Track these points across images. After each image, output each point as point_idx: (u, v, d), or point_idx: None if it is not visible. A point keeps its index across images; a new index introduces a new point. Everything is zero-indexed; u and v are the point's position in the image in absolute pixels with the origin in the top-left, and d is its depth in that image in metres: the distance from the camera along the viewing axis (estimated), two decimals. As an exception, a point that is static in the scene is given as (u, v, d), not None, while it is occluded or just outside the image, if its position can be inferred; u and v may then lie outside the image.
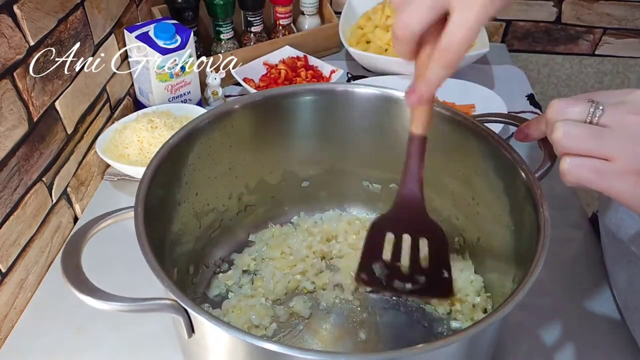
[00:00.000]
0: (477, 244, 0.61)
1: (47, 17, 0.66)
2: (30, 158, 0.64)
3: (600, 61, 1.34)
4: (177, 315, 0.42)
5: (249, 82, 0.95)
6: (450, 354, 0.42)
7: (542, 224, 0.46)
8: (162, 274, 0.41)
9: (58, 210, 0.71)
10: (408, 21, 0.42)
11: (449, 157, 0.60)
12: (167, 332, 0.59)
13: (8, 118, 0.59)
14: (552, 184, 0.54)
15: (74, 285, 0.40)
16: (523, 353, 0.59)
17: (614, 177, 0.38)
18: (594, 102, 0.39)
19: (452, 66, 0.42)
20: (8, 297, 0.61)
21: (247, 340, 0.37)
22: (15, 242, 0.62)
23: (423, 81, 0.44)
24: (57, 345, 0.59)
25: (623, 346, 0.59)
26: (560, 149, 0.40)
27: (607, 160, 0.38)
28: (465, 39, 0.41)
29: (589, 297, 0.64)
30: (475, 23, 0.40)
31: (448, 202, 0.63)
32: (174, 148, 0.54)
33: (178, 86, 0.89)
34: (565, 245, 0.71)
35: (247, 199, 0.66)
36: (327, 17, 1.13)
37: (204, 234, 0.62)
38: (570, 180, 0.40)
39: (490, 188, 0.57)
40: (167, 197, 0.54)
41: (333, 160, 0.68)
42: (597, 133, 0.39)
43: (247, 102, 0.60)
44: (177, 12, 0.95)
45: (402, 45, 0.44)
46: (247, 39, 1.06)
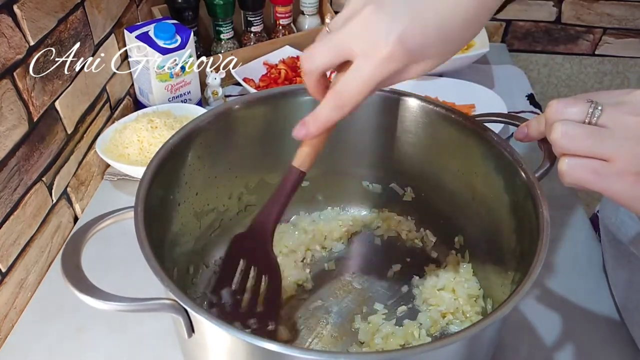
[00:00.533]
0: (477, 243, 0.61)
1: (47, 17, 0.66)
2: (30, 158, 0.64)
3: (600, 61, 1.34)
4: (177, 315, 0.42)
5: (249, 82, 0.95)
6: (450, 354, 0.42)
7: (542, 224, 0.46)
8: (162, 274, 0.41)
9: (58, 210, 0.71)
10: (312, 57, 0.42)
11: (448, 157, 0.61)
12: (167, 332, 0.59)
13: (8, 118, 0.59)
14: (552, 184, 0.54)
15: (74, 285, 0.40)
16: (523, 353, 0.59)
17: (612, 178, 0.38)
18: (593, 103, 0.39)
19: (342, 111, 0.42)
20: (8, 297, 0.61)
21: (247, 340, 0.37)
22: (15, 242, 0.62)
23: (312, 116, 0.44)
24: (57, 345, 0.59)
25: (623, 346, 0.59)
26: (558, 149, 0.40)
27: (606, 161, 0.38)
28: (357, 88, 0.41)
29: (589, 297, 0.64)
30: (370, 77, 0.40)
31: (448, 202, 0.63)
32: (174, 148, 0.54)
33: (178, 86, 0.89)
34: (565, 245, 0.71)
35: (247, 198, 0.66)
36: (327, 17, 1.13)
37: (204, 234, 0.62)
38: (569, 181, 0.40)
39: (490, 188, 0.57)
40: (167, 197, 0.54)
41: (333, 161, 0.68)
42: (595, 133, 0.38)
43: (247, 102, 0.60)
44: (177, 12, 0.95)
45: (305, 76, 0.44)
46: (247, 38, 1.06)
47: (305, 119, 0.45)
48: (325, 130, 0.45)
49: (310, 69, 0.43)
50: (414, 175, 0.66)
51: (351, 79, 0.41)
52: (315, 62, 0.42)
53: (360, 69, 0.40)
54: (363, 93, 0.41)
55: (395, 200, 0.69)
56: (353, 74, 0.41)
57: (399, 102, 0.61)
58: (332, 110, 0.43)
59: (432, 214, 0.67)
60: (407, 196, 0.68)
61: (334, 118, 0.43)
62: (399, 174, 0.67)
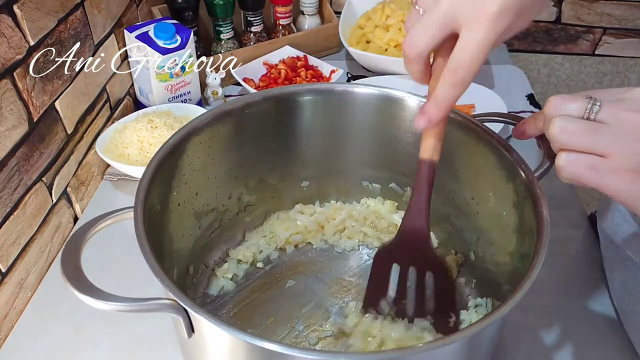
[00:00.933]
0: (477, 243, 0.61)
1: (47, 17, 0.66)
2: (30, 158, 0.64)
3: (600, 61, 1.34)
4: (177, 315, 0.42)
5: (249, 82, 0.95)
6: (450, 354, 0.42)
7: (541, 223, 0.46)
8: (162, 274, 0.41)
9: (58, 210, 0.71)
10: (416, 40, 0.41)
11: (448, 156, 0.60)
12: (167, 332, 0.59)
13: (8, 118, 0.59)
14: (551, 184, 0.54)
15: (73, 285, 0.40)
16: (523, 353, 0.59)
17: (609, 174, 0.38)
18: (591, 99, 0.39)
19: (462, 86, 0.42)
20: (8, 297, 0.61)
21: (247, 340, 0.37)
22: (15, 242, 0.62)
23: (432, 102, 0.43)
24: (57, 345, 0.59)
25: (622, 346, 0.59)
26: (556, 144, 0.40)
27: (604, 157, 0.38)
28: (473, 57, 0.40)
29: (589, 297, 0.64)
30: (484, 41, 0.39)
31: (448, 202, 0.63)
32: (173, 148, 0.54)
33: (178, 86, 0.89)
34: (565, 245, 0.71)
35: (246, 199, 0.66)
36: (327, 17, 1.13)
37: (203, 234, 0.62)
38: (566, 176, 0.40)
39: (490, 188, 0.57)
40: (167, 197, 0.54)
41: (333, 160, 0.68)
42: (593, 129, 0.38)
43: (247, 102, 0.60)
44: (177, 12, 0.95)
45: (412, 65, 0.43)
46: (247, 38, 1.06)
47: (424, 106, 0.44)
48: (448, 113, 0.44)
49: (416, 52, 0.42)
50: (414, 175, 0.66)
51: (465, 48, 0.40)
52: (420, 44, 0.41)
53: (472, 35, 0.39)
54: (480, 60, 0.40)
55: (395, 199, 0.69)
56: (466, 42, 0.40)
57: (399, 102, 0.61)
58: (452, 87, 0.42)
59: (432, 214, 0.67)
60: (407, 196, 0.68)
61: (457, 96, 0.42)
62: (399, 174, 0.67)
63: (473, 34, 0.39)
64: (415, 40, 0.41)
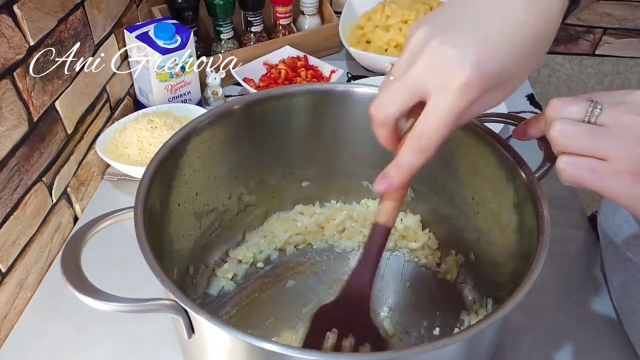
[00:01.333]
0: (477, 243, 0.61)
1: (47, 17, 0.66)
2: (30, 158, 0.64)
3: (601, 61, 1.34)
4: (177, 316, 0.42)
5: (249, 82, 0.95)
6: (450, 354, 0.42)
7: (542, 223, 0.46)
8: (162, 274, 0.41)
9: (58, 210, 0.71)
10: (383, 103, 0.41)
11: (448, 156, 0.60)
12: (167, 332, 0.59)
13: (8, 118, 0.59)
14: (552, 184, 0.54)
15: (73, 285, 0.40)
16: (523, 353, 0.59)
17: (610, 177, 0.38)
18: (592, 102, 0.39)
19: (425, 153, 0.41)
20: (8, 297, 0.61)
21: (247, 341, 0.37)
22: (15, 242, 0.62)
23: (393, 166, 0.42)
24: (57, 345, 0.59)
25: (622, 346, 0.59)
26: (557, 147, 0.40)
27: (604, 160, 0.38)
28: (438, 126, 0.39)
29: (589, 297, 0.64)
30: (449, 111, 0.39)
31: (447, 202, 0.63)
32: (173, 148, 0.54)
33: (178, 86, 0.89)
34: (565, 245, 0.71)
35: (247, 199, 0.66)
36: (327, 17, 1.13)
37: (203, 234, 0.62)
38: (567, 179, 0.40)
39: (490, 188, 0.57)
40: (167, 197, 0.54)
41: (333, 161, 0.68)
42: (594, 132, 0.38)
43: (247, 102, 0.60)
44: (177, 12, 0.95)
45: (378, 129, 0.42)
46: (247, 38, 1.06)
47: (385, 171, 0.43)
48: (409, 179, 0.43)
49: (384, 118, 0.41)
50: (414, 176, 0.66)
51: (430, 116, 0.39)
52: (388, 110, 0.40)
53: (438, 103, 0.39)
54: (445, 129, 0.39)
55: (395, 200, 0.69)
56: (431, 110, 0.39)
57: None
58: (415, 154, 0.41)
59: (433, 214, 0.67)
60: (407, 196, 0.68)
61: (418, 163, 0.41)
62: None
63: (439, 104, 0.39)
64: (381, 104, 0.41)
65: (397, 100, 0.40)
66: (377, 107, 0.41)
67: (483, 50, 0.38)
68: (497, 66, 0.38)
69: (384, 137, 0.43)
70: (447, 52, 0.38)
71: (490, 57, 0.38)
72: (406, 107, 0.40)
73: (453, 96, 0.38)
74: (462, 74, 0.38)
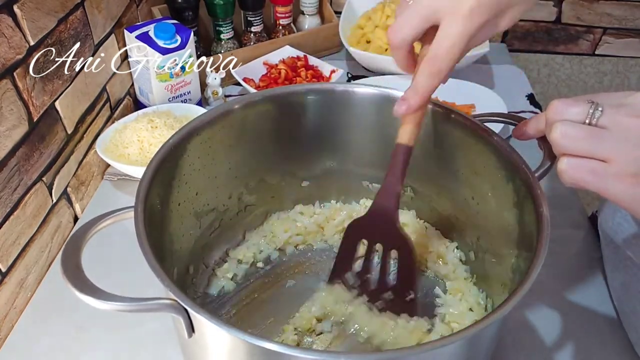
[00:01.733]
0: (477, 243, 0.61)
1: (47, 17, 0.66)
2: (30, 158, 0.64)
3: (600, 61, 1.34)
4: (177, 315, 0.42)
5: (249, 82, 0.95)
6: (450, 354, 0.42)
7: (542, 223, 0.46)
8: (162, 274, 0.41)
9: (58, 210, 0.71)
10: (398, 28, 0.43)
11: (449, 156, 0.60)
12: (167, 332, 0.59)
13: (8, 118, 0.59)
14: (552, 184, 0.54)
15: (74, 285, 0.40)
16: (523, 353, 0.59)
17: (610, 179, 0.38)
18: (593, 103, 0.39)
19: (439, 75, 0.43)
20: (8, 297, 0.61)
21: (247, 340, 0.37)
22: (15, 241, 0.62)
23: (411, 89, 0.45)
24: (57, 345, 0.59)
25: (622, 346, 0.59)
26: (558, 149, 0.40)
27: (605, 162, 0.38)
28: (449, 49, 0.42)
29: (589, 297, 0.64)
30: (460, 35, 0.41)
31: (448, 202, 0.63)
32: (174, 148, 0.54)
33: (178, 86, 0.89)
34: (565, 245, 0.71)
35: (247, 198, 0.66)
36: (327, 17, 1.13)
37: (203, 234, 0.62)
38: (568, 181, 0.40)
39: (490, 187, 0.57)
40: (167, 197, 0.54)
41: (333, 160, 0.68)
42: (594, 134, 0.39)
43: (247, 102, 0.60)
44: (177, 12, 0.95)
45: (396, 52, 0.45)
46: (247, 38, 1.06)
47: (404, 94, 0.46)
48: (426, 101, 0.46)
49: (400, 41, 0.43)
50: (414, 175, 0.66)
51: (442, 40, 0.42)
52: (403, 33, 0.43)
53: (449, 28, 0.41)
54: (456, 52, 0.42)
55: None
56: (443, 34, 0.41)
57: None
58: (429, 77, 0.43)
59: (432, 213, 0.67)
60: (407, 196, 0.68)
61: (433, 85, 0.44)
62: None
63: (450, 27, 0.41)
64: (397, 28, 0.43)
65: (412, 25, 0.43)
66: (393, 31, 0.44)
67: None
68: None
69: (401, 60, 0.46)
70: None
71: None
72: (420, 31, 0.43)
73: (463, 19, 0.41)
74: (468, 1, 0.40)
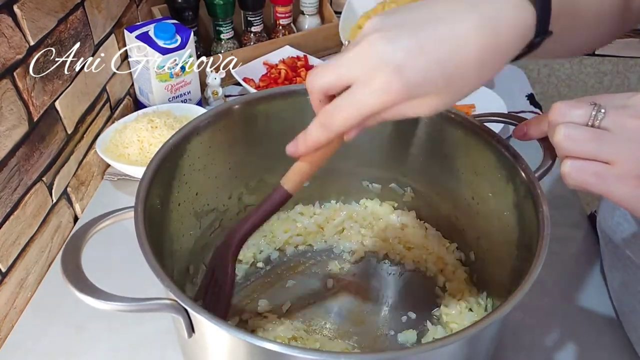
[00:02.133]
0: (477, 243, 0.61)
1: (47, 17, 0.66)
2: (30, 158, 0.64)
3: (601, 61, 1.34)
4: (177, 315, 0.42)
5: (249, 82, 0.95)
6: (450, 354, 0.42)
7: (542, 223, 0.46)
8: (162, 274, 0.41)
9: (58, 210, 0.71)
10: (316, 75, 0.41)
11: (448, 156, 0.61)
12: (167, 332, 0.59)
13: (8, 118, 0.59)
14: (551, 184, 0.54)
15: (74, 285, 0.40)
16: (523, 353, 0.59)
17: (614, 181, 0.38)
18: (596, 105, 0.39)
19: (328, 131, 0.40)
20: (8, 297, 0.61)
21: (247, 340, 0.37)
22: (15, 241, 0.62)
23: (303, 133, 0.43)
24: (57, 345, 0.59)
25: (622, 346, 0.59)
26: (561, 151, 0.40)
27: (608, 164, 0.38)
28: (347, 113, 0.39)
29: (589, 297, 0.64)
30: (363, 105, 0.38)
31: (448, 202, 0.63)
32: (174, 148, 0.54)
33: (178, 86, 0.89)
34: (565, 244, 0.71)
35: (247, 199, 0.66)
36: (327, 17, 1.13)
37: (203, 234, 0.62)
38: (571, 183, 0.40)
39: (490, 187, 0.57)
40: (167, 197, 0.54)
41: (333, 160, 0.67)
42: (598, 136, 0.39)
43: (247, 102, 0.60)
44: (177, 12, 0.95)
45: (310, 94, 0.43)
46: (247, 38, 1.06)
47: (298, 135, 0.44)
48: (313, 150, 0.43)
49: (312, 87, 0.41)
50: (414, 175, 0.66)
51: (343, 101, 0.39)
52: (317, 82, 0.41)
53: (354, 93, 0.38)
54: (351, 119, 0.39)
55: (396, 200, 0.69)
56: (346, 96, 0.39)
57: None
58: (319, 128, 0.41)
59: (432, 214, 0.67)
60: (407, 196, 0.68)
61: (321, 138, 0.41)
62: (399, 173, 0.67)
63: (356, 93, 0.38)
64: (315, 76, 0.41)
65: (327, 76, 0.40)
66: (310, 76, 0.42)
67: (411, 56, 0.36)
68: (420, 76, 0.37)
69: (312, 104, 0.43)
70: (380, 49, 0.37)
71: (416, 65, 0.36)
72: (332, 86, 0.40)
73: (369, 93, 0.38)
74: (383, 75, 0.37)
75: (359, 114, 0.39)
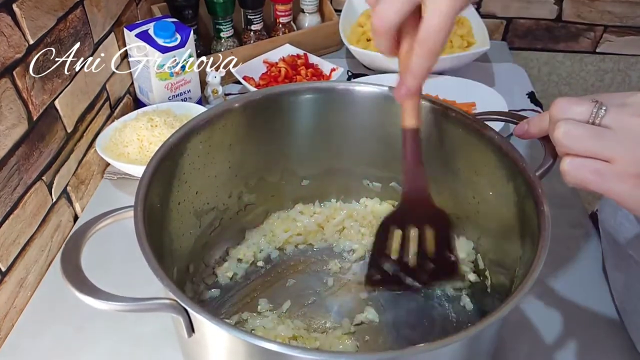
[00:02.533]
0: (478, 242, 0.61)
1: (47, 16, 0.66)
2: (30, 157, 0.64)
3: (601, 59, 1.34)
4: (177, 315, 0.41)
5: (249, 80, 0.95)
6: (450, 354, 0.42)
7: (542, 222, 0.46)
8: (162, 274, 0.41)
9: (58, 209, 0.71)
10: (384, 13, 0.42)
11: (449, 155, 0.60)
12: (167, 332, 0.59)
13: (8, 117, 0.59)
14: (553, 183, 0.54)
15: (73, 284, 0.40)
16: (524, 353, 0.59)
17: (613, 179, 0.38)
18: (597, 103, 0.39)
19: (433, 56, 0.43)
20: (8, 296, 0.61)
21: (247, 340, 0.37)
22: (15, 241, 0.62)
23: (408, 74, 0.45)
24: (57, 345, 0.59)
25: (624, 346, 0.59)
26: (561, 148, 0.40)
27: (608, 162, 0.38)
28: (440, 26, 0.41)
29: (589, 297, 0.64)
30: (448, 10, 0.41)
31: (448, 201, 0.63)
32: (173, 147, 0.54)
33: (178, 85, 0.89)
34: (565, 244, 0.71)
35: (247, 197, 0.66)
36: (327, 15, 1.13)
37: (203, 233, 0.62)
38: (571, 181, 0.40)
39: (490, 186, 0.56)
40: (167, 196, 0.54)
41: (333, 159, 0.68)
42: (598, 134, 0.38)
43: (247, 101, 0.60)
44: (177, 10, 0.95)
45: (380, 39, 0.44)
46: (247, 37, 1.05)
47: (402, 79, 0.46)
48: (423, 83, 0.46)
49: (385, 25, 0.43)
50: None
51: (431, 18, 0.41)
52: (389, 17, 0.42)
53: (435, 6, 0.40)
54: (447, 27, 0.41)
55: (396, 199, 0.69)
56: (430, 14, 0.41)
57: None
58: (424, 58, 0.43)
59: (433, 212, 0.67)
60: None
61: (429, 65, 0.44)
62: (400, 172, 0.67)
63: (437, 5, 0.41)
64: (382, 15, 0.43)
65: (396, 9, 0.42)
66: (378, 18, 0.43)
67: None
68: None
69: (387, 47, 0.45)
70: None
71: None
72: (405, 14, 0.42)
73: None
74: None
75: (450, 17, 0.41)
